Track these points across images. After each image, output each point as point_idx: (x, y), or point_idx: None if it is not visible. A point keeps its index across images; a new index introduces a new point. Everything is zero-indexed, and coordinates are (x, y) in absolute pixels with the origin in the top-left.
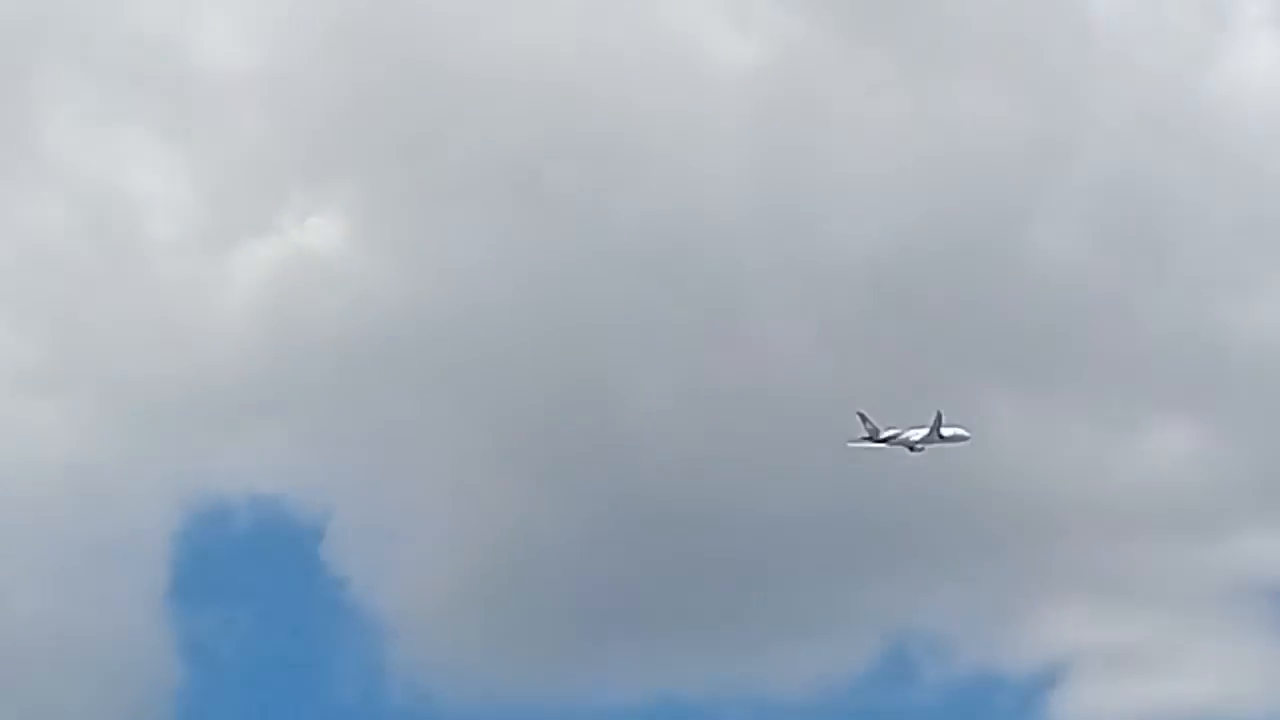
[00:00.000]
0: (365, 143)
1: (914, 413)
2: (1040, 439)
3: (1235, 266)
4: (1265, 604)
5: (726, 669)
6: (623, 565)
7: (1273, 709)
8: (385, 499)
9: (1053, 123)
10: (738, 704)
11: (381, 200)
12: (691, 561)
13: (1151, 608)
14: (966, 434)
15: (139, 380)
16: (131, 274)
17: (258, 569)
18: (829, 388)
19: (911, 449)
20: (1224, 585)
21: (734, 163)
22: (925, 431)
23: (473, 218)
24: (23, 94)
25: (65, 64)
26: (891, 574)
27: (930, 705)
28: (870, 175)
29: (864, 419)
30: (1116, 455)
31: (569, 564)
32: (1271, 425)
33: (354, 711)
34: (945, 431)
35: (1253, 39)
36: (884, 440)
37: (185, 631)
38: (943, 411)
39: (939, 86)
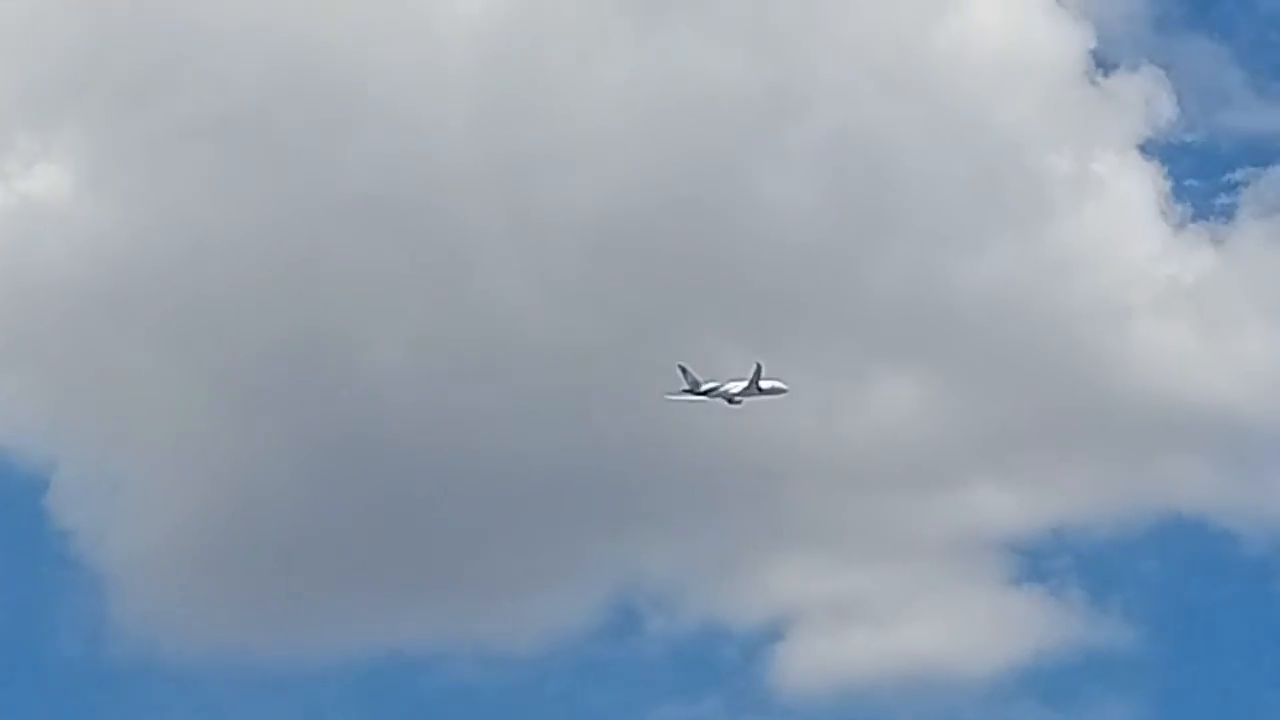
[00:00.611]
0: (93, 89)
1: (645, 364)
2: None
3: (961, 221)
4: (991, 557)
5: (452, 622)
6: (350, 518)
7: (998, 661)
8: (111, 449)
9: (780, 76)
10: (464, 657)
11: (109, 147)
12: (418, 515)
13: (878, 561)
14: (785, 387)
15: None
16: None
17: None
18: (557, 340)
19: (730, 401)
20: (950, 538)
21: (462, 114)
22: (744, 384)
23: (202, 164)
24: None
25: None
26: (618, 528)
27: (656, 658)
28: (598, 128)
29: (685, 372)
30: (843, 409)
31: (297, 516)
32: (997, 379)
33: (76, 664)
34: (764, 384)
35: None
36: (704, 393)
37: None
38: (763, 365)
39: (666, 39)
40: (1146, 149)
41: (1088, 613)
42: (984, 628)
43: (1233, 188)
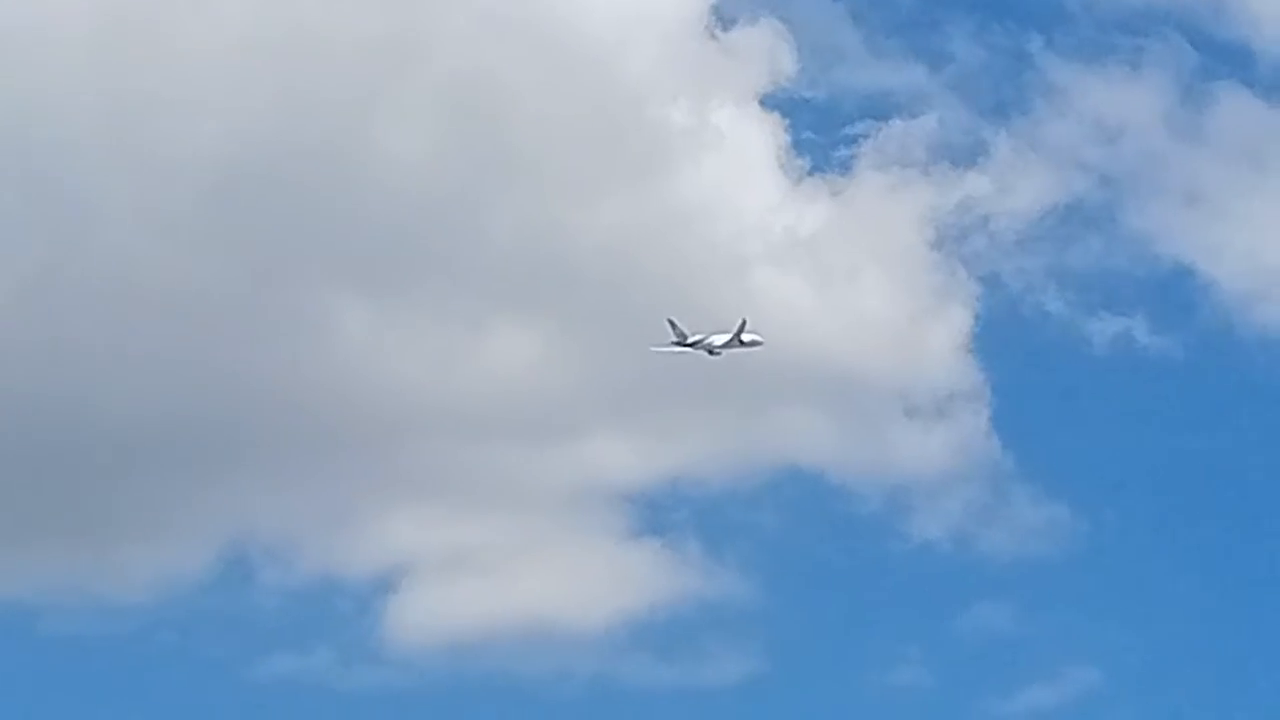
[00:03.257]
0: None
1: (263, 312)
2: (384, 341)
3: (581, 171)
4: (608, 509)
5: (62, 571)
6: None
7: (613, 613)
8: None
9: (399, 24)
10: (73, 607)
11: None
12: (27, 461)
13: (494, 512)
14: (762, 340)
15: None
16: None
17: None
18: (175, 286)
19: (711, 353)
20: (568, 490)
21: (80, 57)
22: (728, 337)
23: None
24: None
25: None
26: (232, 478)
27: (270, 609)
28: (218, 74)
29: (673, 325)
30: (462, 358)
31: None
32: (616, 330)
33: None
34: (745, 338)
35: None
36: (690, 345)
37: None
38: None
39: None
40: (766, 102)
41: (704, 565)
42: (600, 580)
43: (851, 141)
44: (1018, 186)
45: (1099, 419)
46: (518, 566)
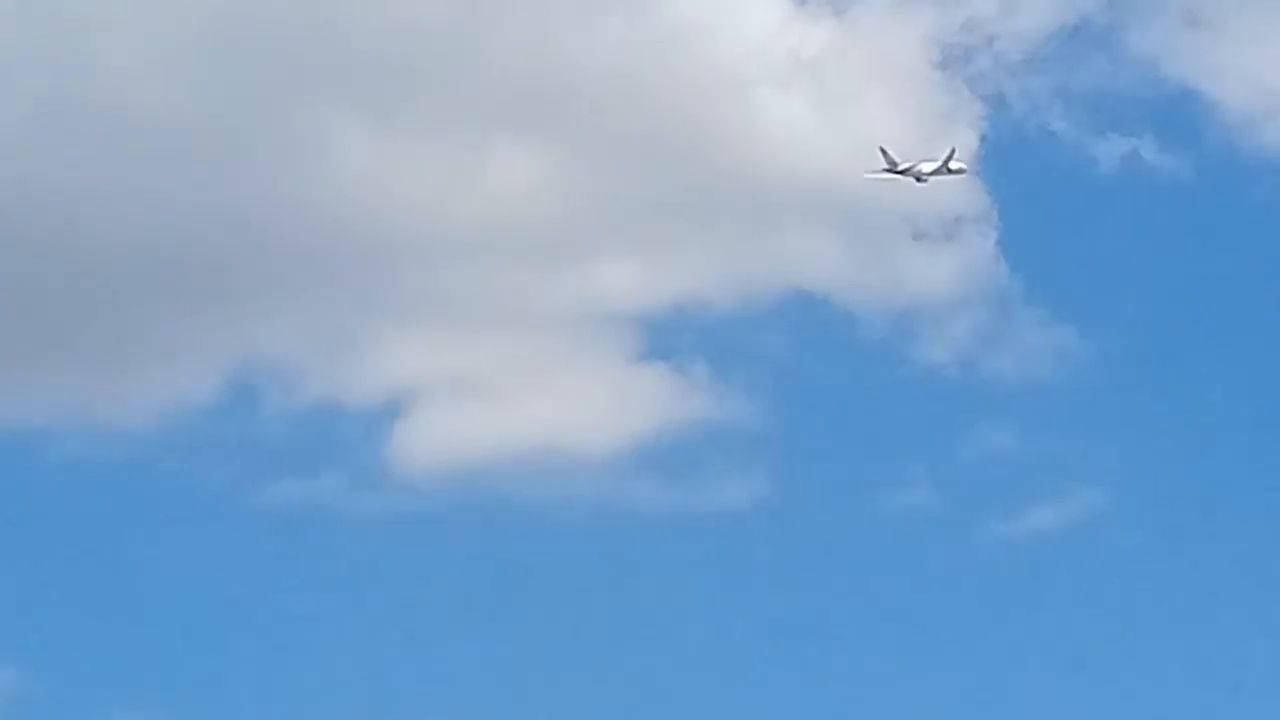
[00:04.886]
0: None
1: (260, 137)
2: (387, 166)
3: None
4: (615, 333)
5: (63, 398)
6: None
7: (620, 437)
8: None
9: None
10: (75, 434)
11: None
12: (27, 288)
13: (499, 335)
14: (965, 168)
15: None
16: None
17: None
18: (174, 112)
19: (919, 180)
20: (574, 314)
21: None
22: (936, 165)
23: None
24: None
25: None
26: (233, 304)
27: (274, 435)
28: None
29: (884, 153)
30: (464, 182)
31: None
32: (619, 153)
33: None
34: (952, 166)
35: None
36: (899, 172)
37: None
38: None
39: None
40: None
41: (711, 388)
42: (607, 404)
43: None
44: (1022, 6)
45: (1106, 241)
46: (523, 391)
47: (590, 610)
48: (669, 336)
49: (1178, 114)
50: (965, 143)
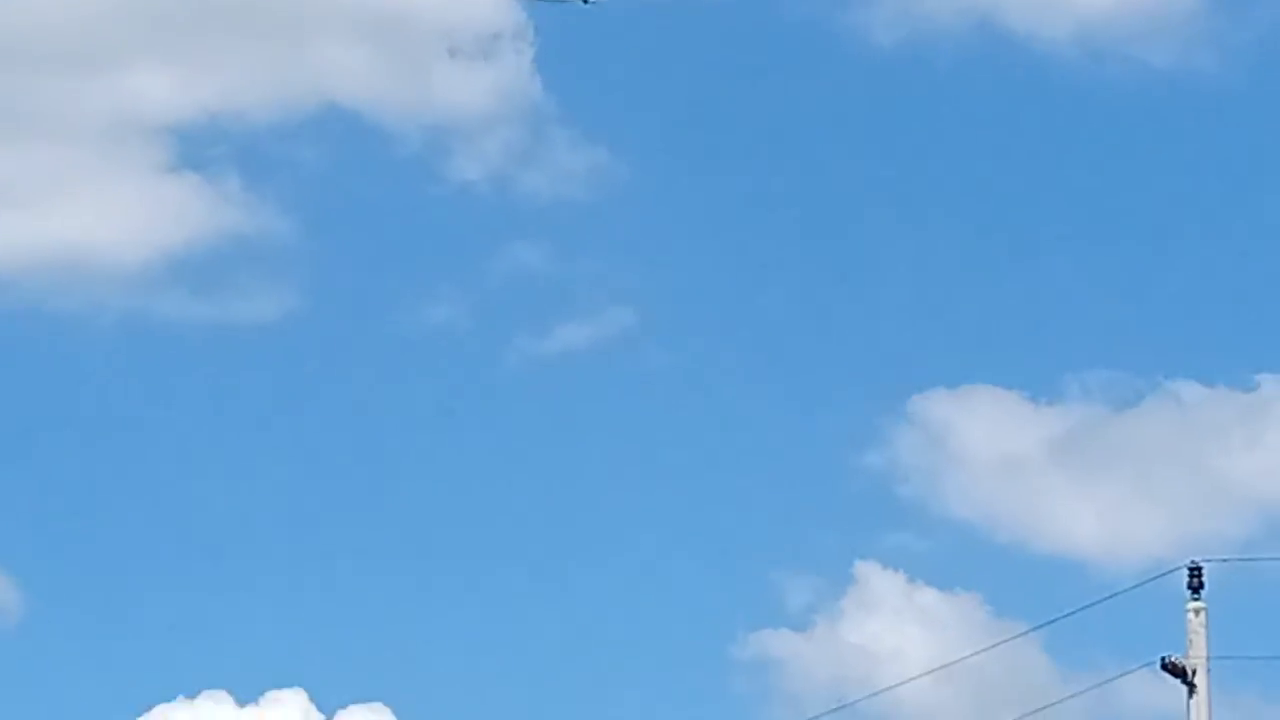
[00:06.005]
0: None
1: None
2: None
3: None
4: (146, 142)
5: None
6: None
7: (149, 250)
8: None
9: None
10: None
11: None
12: None
13: (27, 144)
14: None
15: None
16: None
17: None
18: None
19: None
20: (105, 123)
21: None
22: None
23: None
24: None
25: None
26: None
27: None
28: None
29: None
30: None
31: None
32: None
33: None
34: None
35: None
36: None
37: None
38: None
39: None
40: None
41: (243, 201)
42: (136, 215)
43: None
44: None
45: (640, 62)
46: (51, 201)
47: (115, 420)
48: (201, 147)
49: None
50: None
